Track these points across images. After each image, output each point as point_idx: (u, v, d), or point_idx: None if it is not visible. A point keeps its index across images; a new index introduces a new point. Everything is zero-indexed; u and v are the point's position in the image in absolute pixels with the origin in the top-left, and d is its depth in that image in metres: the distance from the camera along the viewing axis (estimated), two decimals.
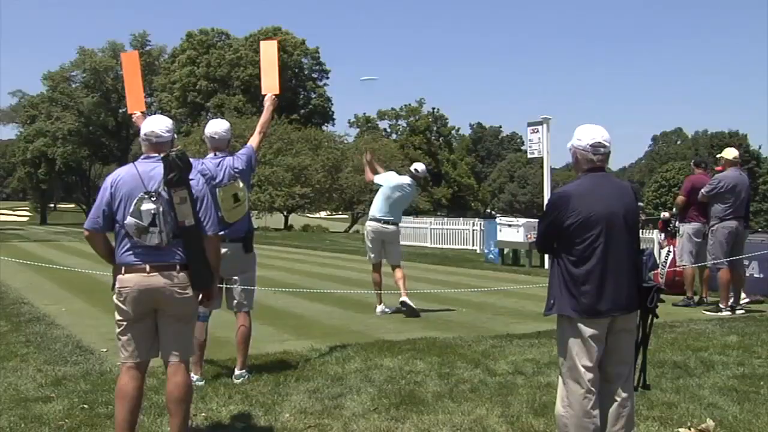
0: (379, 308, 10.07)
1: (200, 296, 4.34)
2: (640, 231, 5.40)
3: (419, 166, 10.63)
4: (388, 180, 10.25)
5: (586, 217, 3.91)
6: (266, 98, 6.77)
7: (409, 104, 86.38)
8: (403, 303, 9.80)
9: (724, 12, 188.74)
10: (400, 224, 10.53)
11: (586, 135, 4.04)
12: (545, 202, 17.61)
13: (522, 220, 19.03)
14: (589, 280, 3.92)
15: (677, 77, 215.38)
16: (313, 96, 73.63)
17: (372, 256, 10.19)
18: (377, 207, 10.15)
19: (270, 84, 6.89)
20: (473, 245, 25.66)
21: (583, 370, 3.94)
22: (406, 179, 10.31)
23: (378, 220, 10.09)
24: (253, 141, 6.51)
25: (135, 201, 4.11)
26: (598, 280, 3.92)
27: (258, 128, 6.63)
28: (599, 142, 4.02)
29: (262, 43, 7.49)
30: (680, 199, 10.94)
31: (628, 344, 4.09)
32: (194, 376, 5.71)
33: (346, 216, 66.47)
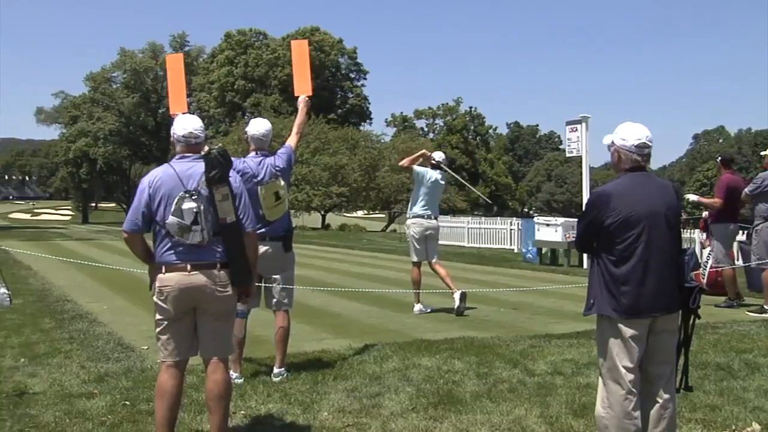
0: (417, 307, 10.06)
1: (239, 293, 4.37)
2: (682, 231, 5.32)
3: (438, 156, 10.59)
4: (424, 176, 10.23)
5: (627, 217, 3.87)
6: (300, 100, 6.79)
7: (447, 103, 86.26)
8: (462, 295, 9.84)
9: None
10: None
11: (631, 134, 3.99)
12: (584, 201, 17.52)
13: (560, 220, 18.87)
14: (629, 280, 3.87)
15: (720, 75, 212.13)
16: (351, 96, 73.76)
17: (417, 253, 10.21)
18: (419, 204, 10.19)
19: (302, 86, 6.90)
20: (511, 245, 25.51)
21: (623, 370, 3.89)
22: (435, 173, 10.30)
23: (422, 216, 10.14)
24: (291, 141, 6.54)
25: (176, 200, 4.15)
26: (639, 280, 3.87)
27: (295, 129, 6.66)
28: (643, 142, 3.97)
29: (292, 42, 7.49)
30: (718, 201, 10.73)
31: (670, 345, 4.03)
32: (233, 374, 5.75)
33: (383, 215, 66.51)
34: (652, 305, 3.88)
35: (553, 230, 18.26)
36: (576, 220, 18.64)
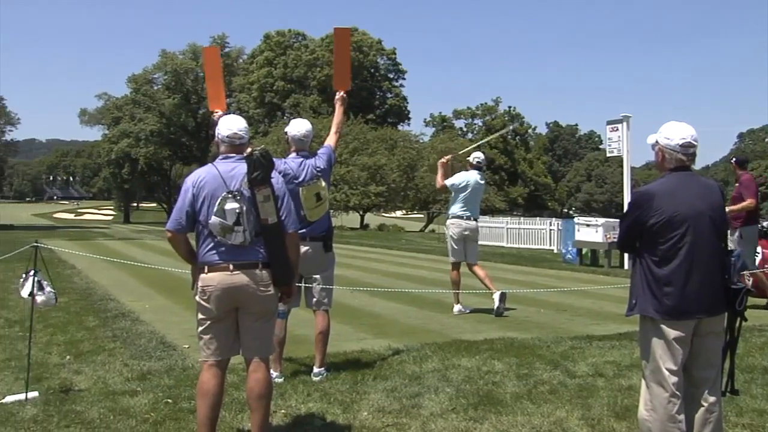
0: (457, 308, 10.04)
1: (280, 293, 4.40)
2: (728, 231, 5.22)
3: (478, 157, 10.52)
4: (460, 180, 10.21)
5: (671, 217, 3.81)
6: (337, 98, 6.76)
7: (485, 103, 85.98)
8: (502, 296, 9.82)
9: None
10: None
11: (676, 134, 3.93)
12: (625, 201, 17.40)
13: (601, 220, 18.70)
14: (673, 281, 3.82)
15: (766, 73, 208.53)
16: (389, 96, 73.81)
17: (455, 254, 10.20)
18: (458, 205, 10.17)
19: (342, 79, 6.85)
20: (550, 245, 25.35)
21: (667, 373, 3.84)
22: (474, 174, 10.27)
23: (461, 217, 10.13)
24: (330, 141, 6.56)
25: (218, 201, 4.19)
26: (683, 281, 3.81)
27: (333, 128, 6.67)
28: (689, 142, 3.91)
29: (335, 29, 7.22)
30: (753, 202, 10.42)
31: (715, 347, 3.96)
32: (274, 373, 5.78)
33: (422, 215, 66.46)
34: (696, 307, 3.82)
35: (593, 230, 18.09)
36: (616, 220, 18.53)
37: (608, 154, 19.08)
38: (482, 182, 10.29)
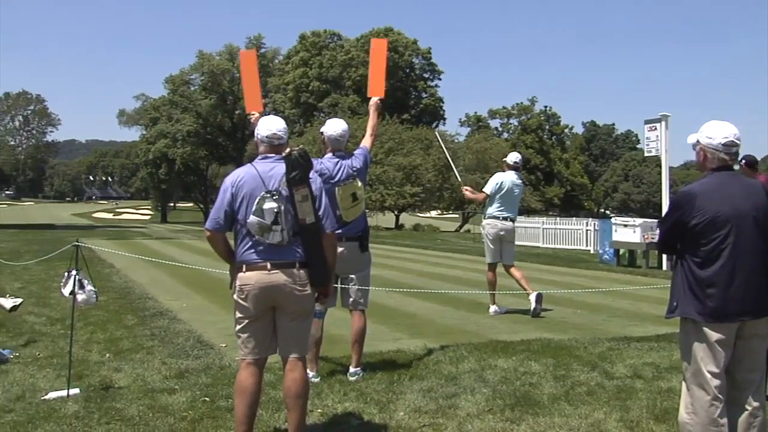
0: (493, 308, 9.99)
1: (317, 293, 4.41)
2: None
3: (515, 157, 10.51)
4: (495, 181, 10.19)
5: (713, 217, 3.76)
6: (371, 103, 6.77)
7: (521, 102, 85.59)
8: (538, 297, 9.79)
9: None
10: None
11: (718, 133, 3.87)
12: (663, 201, 17.20)
13: (639, 220, 18.51)
14: (715, 283, 3.76)
15: None
16: (425, 96, 73.71)
17: (491, 255, 10.17)
18: (494, 205, 10.14)
19: (376, 87, 6.87)
20: (586, 245, 25.14)
21: (708, 375, 3.78)
22: (511, 174, 10.23)
23: (496, 218, 10.10)
24: (366, 142, 6.56)
25: (257, 200, 4.22)
26: (726, 282, 3.75)
27: (369, 131, 6.68)
28: (731, 141, 3.85)
29: (373, 40, 7.34)
30: None
31: (760, 351, 3.89)
32: (310, 373, 5.78)
33: (457, 215, 66.30)
34: (739, 309, 3.76)
35: (631, 231, 17.91)
36: (654, 220, 18.34)
37: (646, 154, 18.92)
38: (519, 182, 10.23)
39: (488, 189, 10.21)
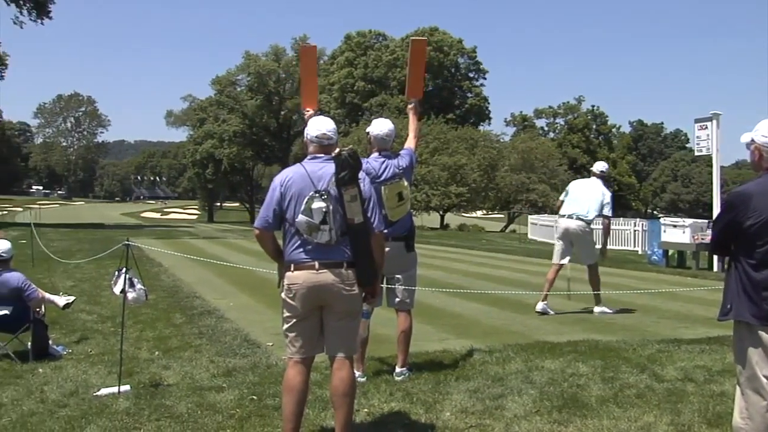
0: (540, 305, 9.91)
1: (364, 293, 4.42)
2: None
3: (600, 166, 10.60)
4: (567, 187, 10.45)
5: None
6: (410, 107, 6.72)
7: (568, 102, 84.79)
8: (595, 312, 9.93)
9: None
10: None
11: None
12: (714, 201, 16.90)
13: (688, 221, 18.19)
14: None
15: None
16: (470, 95, 73.45)
17: (555, 252, 10.22)
18: (565, 205, 10.20)
19: (415, 88, 6.79)
20: (634, 246, 24.81)
21: (764, 380, 3.69)
22: (591, 180, 10.35)
23: (563, 216, 10.15)
24: (410, 143, 6.53)
25: (306, 200, 4.24)
26: None
27: (412, 133, 6.65)
28: None
29: (412, 39, 7.09)
30: None
31: None
32: (356, 373, 5.78)
33: (502, 215, 65.95)
34: None
35: (680, 231, 17.61)
36: (704, 221, 18.02)
37: (696, 153, 18.61)
38: (595, 184, 10.21)
39: (561, 196, 10.47)
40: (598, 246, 10.46)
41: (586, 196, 10.11)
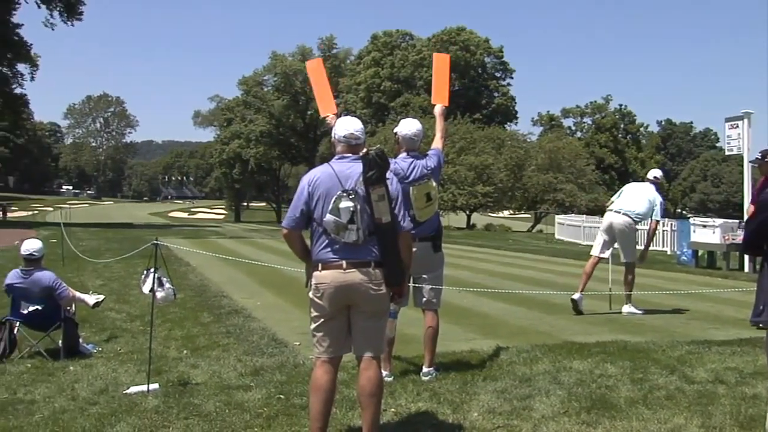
0: (577, 295, 9.89)
1: (391, 293, 4.42)
2: None
3: (654, 173, 10.69)
4: (626, 187, 10.63)
5: None
6: (436, 110, 6.72)
7: (595, 101, 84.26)
8: (623, 311, 9.89)
9: None
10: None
11: None
12: (745, 201, 16.70)
13: (719, 221, 18.00)
14: None
15: None
16: (496, 95, 73.25)
17: (597, 245, 10.30)
18: (615, 202, 10.29)
19: (440, 96, 6.81)
20: (663, 246, 24.58)
21: None
22: (644, 184, 10.44)
23: (610, 210, 10.23)
24: (438, 144, 6.52)
25: (333, 199, 4.24)
26: None
27: (439, 134, 6.63)
28: None
29: (435, 55, 7.33)
30: None
31: None
32: (383, 372, 5.79)
33: (529, 215, 65.66)
34: None
35: (710, 231, 17.43)
36: (735, 221, 17.80)
37: (726, 153, 18.44)
38: (648, 187, 10.26)
39: (614, 197, 10.57)
40: (640, 247, 10.42)
41: (636, 197, 10.16)
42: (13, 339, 7.09)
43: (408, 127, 6.28)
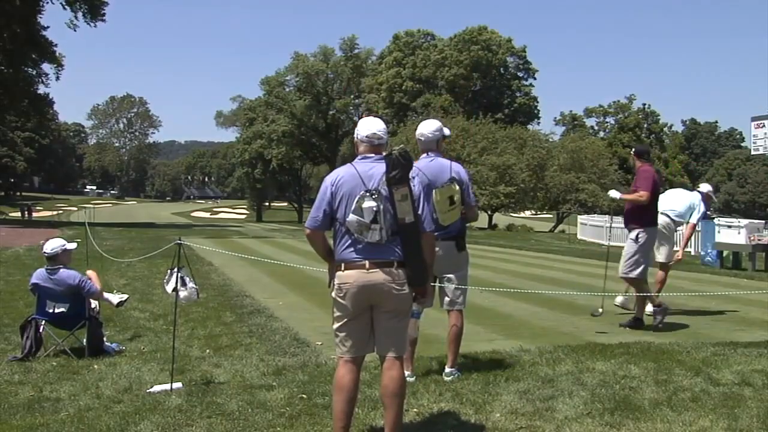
0: (619, 299, 9.93)
1: (414, 293, 4.41)
2: None
3: (704, 188, 10.68)
4: (671, 190, 10.63)
5: None
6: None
7: (618, 100, 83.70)
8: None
9: None
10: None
11: None
12: None
13: (744, 221, 17.85)
14: None
15: None
16: (519, 95, 72.95)
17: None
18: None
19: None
20: (687, 246, 24.38)
21: None
22: (692, 193, 10.43)
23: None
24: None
25: (356, 199, 4.24)
26: None
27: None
28: None
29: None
30: (644, 195, 8.75)
31: None
32: (406, 372, 5.78)
33: (551, 216, 65.37)
34: None
35: (735, 232, 17.29)
36: (761, 221, 17.63)
37: (752, 152, 18.28)
38: (694, 194, 10.28)
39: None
40: (676, 248, 10.34)
41: (678, 199, 10.12)
42: (38, 337, 7.16)
43: (427, 128, 6.24)
